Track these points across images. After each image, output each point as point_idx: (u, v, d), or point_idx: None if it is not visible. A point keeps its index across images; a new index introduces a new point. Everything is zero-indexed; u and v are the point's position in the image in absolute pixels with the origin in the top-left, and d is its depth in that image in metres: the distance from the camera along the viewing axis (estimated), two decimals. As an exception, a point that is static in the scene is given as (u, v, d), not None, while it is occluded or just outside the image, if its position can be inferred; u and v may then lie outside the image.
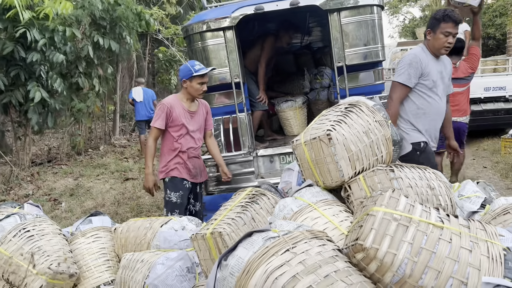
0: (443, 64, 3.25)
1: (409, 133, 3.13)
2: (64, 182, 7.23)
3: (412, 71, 3.04)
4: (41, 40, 6.17)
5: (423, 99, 3.12)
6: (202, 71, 3.45)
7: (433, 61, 3.14)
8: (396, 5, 29.30)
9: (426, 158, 3.02)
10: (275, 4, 4.35)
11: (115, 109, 11.08)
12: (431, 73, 3.08)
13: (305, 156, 2.14)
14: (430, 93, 3.11)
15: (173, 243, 2.62)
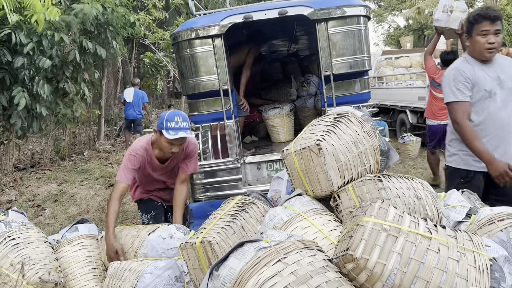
0: (500, 66, 2.74)
1: (462, 157, 2.77)
2: (47, 187, 7.12)
3: (461, 85, 2.68)
4: (28, 44, 6.09)
5: (478, 115, 2.69)
6: (172, 134, 2.79)
7: (481, 68, 2.71)
8: (381, 14, 29.76)
9: (469, 188, 2.52)
10: (264, 13, 4.40)
11: (100, 114, 10.98)
12: (481, 82, 2.67)
13: (295, 166, 2.16)
14: (485, 105, 2.68)
15: (161, 251, 2.60)
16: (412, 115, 8.82)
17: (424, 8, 18.19)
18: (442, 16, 5.03)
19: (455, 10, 5.01)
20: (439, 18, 5.08)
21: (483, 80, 2.65)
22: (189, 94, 4.84)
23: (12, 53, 6.27)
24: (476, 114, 2.69)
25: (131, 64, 13.69)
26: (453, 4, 5.06)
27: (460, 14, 4.96)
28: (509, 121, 2.74)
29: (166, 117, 2.83)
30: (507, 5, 19.34)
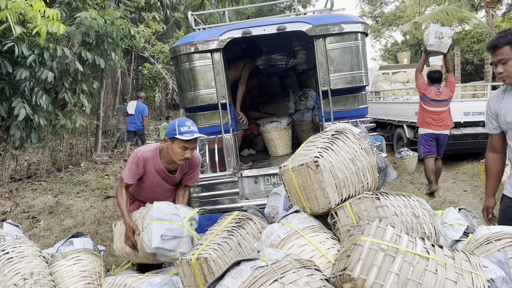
0: None
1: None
2: (43, 199, 7.07)
3: (487, 117, 2.59)
4: (30, 57, 6.12)
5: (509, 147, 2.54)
6: (187, 136, 2.82)
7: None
8: (379, 29, 30.05)
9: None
10: (263, 29, 4.43)
11: (97, 125, 10.97)
12: (502, 114, 2.50)
13: (293, 182, 2.16)
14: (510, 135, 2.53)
15: (165, 213, 2.62)
16: (409, 130, 8.85)
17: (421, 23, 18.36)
18: (435, 42, 5.86)
19: (445, 36, 5.86)
20: (432, 44, 5.89)
21: (505, 112, 2.49)
22: (188, 107, 4.85)
23: (13, 65, 6.28)
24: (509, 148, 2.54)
25: (130, 75, 13.72)
26: (442, 30, 5.90)
27: (448, 40, 5.90)
28: None
29: (177, 123, 2.89)
30: (502, 22, 19.60)
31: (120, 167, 9.59)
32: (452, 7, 15.58)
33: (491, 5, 15.15)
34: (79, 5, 7.75)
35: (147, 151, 3.06)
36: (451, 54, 20.21)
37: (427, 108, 6.39)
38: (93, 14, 7.21)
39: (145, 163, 3.03)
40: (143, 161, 3.02)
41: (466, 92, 8.50)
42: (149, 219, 2.57)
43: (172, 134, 2.86)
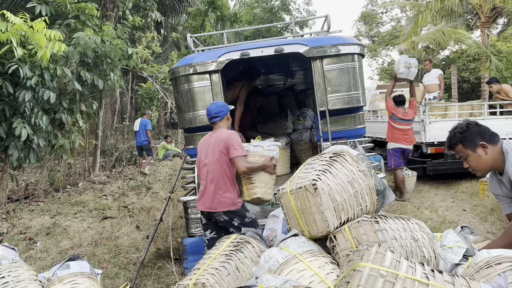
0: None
1: None
2: (40, 220, 7.02)
3: (499, 200, 2.71)
4: (33, 78, 6.16)
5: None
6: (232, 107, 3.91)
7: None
8: (375, 49, 30.39)
9: None
10: (261, 50, 4.49)
11: (96, 144, 10.97)
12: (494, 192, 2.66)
13: (291, 205, 2.15)
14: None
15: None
16: (407, 149, 8.86)
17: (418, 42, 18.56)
18: (404, 71, 7.00)
19: (412, 66, 6.95)
20: (402, 72, 7.03)
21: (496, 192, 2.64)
22: (186, 128, 4.87)
23: (14, 86, 6.32)
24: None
25: (129, 95, 13.80)
26: (410, 61, 7.02)
27: (415, 69, 7.05)
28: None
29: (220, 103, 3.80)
30: (497, 41, 19.85)
31: (118, 187, 9.56)
32: (448, 27, 15.78)
33: (486, 25, 15.35)
34: (78, 26, 7.85)
35: (232, 131, 3.74)
36: (448, 72, 20.42)
37: (396, 126, 7.37)
38: (89, 33, 7.29)
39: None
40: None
41: (463, 111, 8.54)
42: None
43: (228, 108, 3.76)
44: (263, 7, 27.61)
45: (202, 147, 3.72)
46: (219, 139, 3.56)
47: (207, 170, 3.61)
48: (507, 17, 19.54)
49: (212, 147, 3.59)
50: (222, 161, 3.52)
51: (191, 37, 5.12)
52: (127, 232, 6.18)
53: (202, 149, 3.70)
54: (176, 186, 7.20)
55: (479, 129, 2.46)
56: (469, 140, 2.41)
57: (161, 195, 8.67)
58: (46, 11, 7.70)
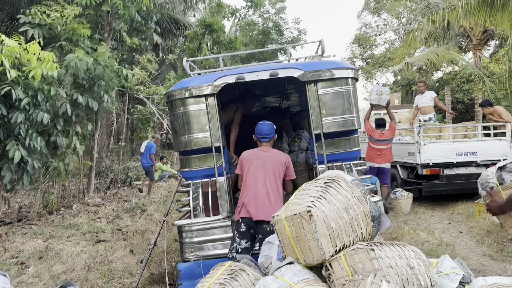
0: None
1: None
2: (33, 243, 6.91)
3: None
4: (25, 99, 6.16)
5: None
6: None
7: None
8: (370, 71, 30.74)
9: None
10: (256, 74, 4.53)
11: (91, 166, 10.91)
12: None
13: (286, 232, 2.14)
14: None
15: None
16: (402, 170, 8.88)
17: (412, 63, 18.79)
18: (376, 98, 7.91)
19: (383, 94, 7.88)
20: (374, 99, 7.96)
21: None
22: (182, 151, 4.86)
23: (8, 107, 6.31)
24: None
25: (125, 116, 13.83)
26: (382, 89, 8.01)
27: (386, 96, 7.90)
28: None
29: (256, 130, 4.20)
30: (489, 63, 20.16)
31: (113, 209, 9.48)
32: (441, 49, 16.03)
33: (478, 48, 15.61)
34: (72, 47, 7.90)
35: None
36: (441, 93, 20.63)
37: (373, 146, 8.12)
38: (79, 55, 7.32)
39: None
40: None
41: (457, 133, 8.61)
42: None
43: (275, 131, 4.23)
44: (257, 30, 28.08)
45: (254, 158, 4.07)
46: (277, 158, 4.03)
47: (261, 181, 3.92)
48: (498, 39, 19.90)
49: (271, 162, 3.99)
50: (279, 177, 3.97)
51: (188, 61, 5.16)
52: (120, 256, 6.09)
53: (255, 160, 4.05)
54: (171, 209, 7.16)
55: None
56: None
57: (156, 217, 8.59)
58: (39, 34, 7.76)
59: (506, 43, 14.26)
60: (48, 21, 7.96)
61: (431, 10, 14.09)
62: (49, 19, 7.99)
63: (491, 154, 8.11)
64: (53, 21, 8.03)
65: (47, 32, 8.06)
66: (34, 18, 7.83)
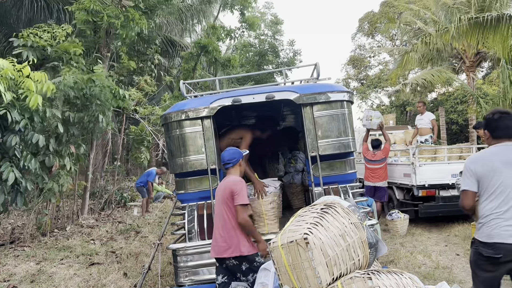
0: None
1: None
2: (25, 266, 6.79)
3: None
4: (22, 121, 6.15)
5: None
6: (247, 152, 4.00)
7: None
8: (364, 91, 31.05)
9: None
10: (252, 97, 4.56)
11: (85, 186, 10.82)
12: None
13: (282, 260, 2.12)
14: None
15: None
16: (398, 191, 8.86)
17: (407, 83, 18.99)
18: (366, 122, 8.46)
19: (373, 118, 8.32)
20: (365, 124, 8.53)
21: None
22: (177, 173, 4.84)
23: (2, 130, 6.29)
24: None
25: (121, 137, 13.81)
26: (372, 114, 8.46)
27: (377, 119, 8.34)
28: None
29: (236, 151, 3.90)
30: (483, 84, 20.43)
31: (107, 231, 9.37)
32: (435, 70, 16.25)
33: (471, 69, 15.84)
34: (66, 68, 7.93)
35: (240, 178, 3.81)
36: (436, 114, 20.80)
37: (367, 166, 8.57)
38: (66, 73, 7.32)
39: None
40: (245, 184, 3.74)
41: (452, 154, 8.64)
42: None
43: (241, 155, 3.87)
44: (253, 51, 28.41)
45: (216, 193, 3.89)
46: (226, 186, 3.70)
47: (218, 216, 3.76)
48: (491, 61, 20.21)
49: (221, 193, 3.73)
50: (227, 207, 3.67)
51: (184, 84, 5.19)
52: (114, 280, 5.99)
53: (216, 195, 3.88)
54: (166, 231, 7.09)
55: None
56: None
57: (150, 239, 8.49)
58: (33, 56, 7.81)
59: (498, 65, 14.47)
60: (40, 43, 8.01)
61: (424, 33, 14.32)
62: (41, 40, 8.05)
63: None
64: (45, 42, 8.09)
65: (40, 54, 8.12)
66: (27, 40, 7.89)
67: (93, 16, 9.25)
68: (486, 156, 3.10)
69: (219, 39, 15.03)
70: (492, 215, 2.94)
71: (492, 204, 2.96)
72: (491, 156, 3.07)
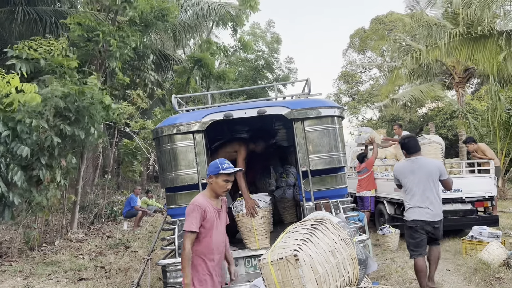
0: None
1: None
2: (12, 282, 6.67)
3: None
4: (4, 132, 6.11)
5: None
6: (229, 170, 3.36)
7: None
8: (355, 106, 31.32)
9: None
10: (244, 112, 4.59)
11: (75, 200, 10.71)
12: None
13: (272, 277, 2.11)
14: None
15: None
16: (389, 206, 8.87)
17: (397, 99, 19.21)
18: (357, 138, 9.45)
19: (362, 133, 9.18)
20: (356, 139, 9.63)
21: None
22: (168, 187, 4.83)
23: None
24: None
25: (112, 150, 13.74)
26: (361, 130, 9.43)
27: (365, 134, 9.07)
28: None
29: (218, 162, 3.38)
30: (472, 100, 20.71)
31: (96, 246, 9.26)
32: (425, 86, 16.47)
33: (460, 85, 16.08)
34: (57, 81, 7.92)
35: (197, 198, 3.38)
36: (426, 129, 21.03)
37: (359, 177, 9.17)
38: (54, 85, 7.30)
39: (202, 207, 3.28)
40: (199, 206, 3.27)
41: (442, 169, 8.70)
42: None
43: (217, 171, 3.32)
44: (247, 66, 28.57)
45: None
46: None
47: None
48: (479, 77, 20.54)
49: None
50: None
51: (176, 98, 5.21)
52: (102, 296, 5.91)
53: None
54: (156, 246, 7.01)
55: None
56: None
57: (140, 254, 8.40)
58: (26, 68, 7.80)
59: (487, 81, 14.73)
60: (35, 56, 8.01)
61: (414, 48, 14.56)
62: (36, 53, 8.05)
63: (476, 190, 8.19)
64: (39, 55, 8.09)
65: (34, 66, 8.11)
66: (22, 52, 7.88)
67: (88, 32, 9.28)
68: (403, 166, 5.10)
69: (212, 54, 15.11)
70: (407, 204, 4.98)
71: (406, 197, 4.98)
72: (404, 166, 5.07)
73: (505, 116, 13.25)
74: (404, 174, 4.91)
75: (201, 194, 3.46)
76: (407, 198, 4.92)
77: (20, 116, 6.37)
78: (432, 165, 4.94)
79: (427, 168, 4.86)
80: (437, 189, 4.89)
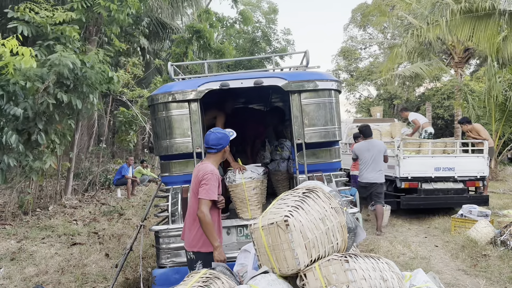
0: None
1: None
2: (5, 244, 6.74)
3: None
4: None
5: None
6: (233, 135, 3.58)
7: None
8: (353, 83, 31.15)
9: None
10: (240, 82, 4.54)
11: (69, 167, 10.72)
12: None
13: (262, 241, 2.14)
14: None
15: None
16: (382, 183, 8.97)
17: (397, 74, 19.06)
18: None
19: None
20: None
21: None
22: (162, 155, 4.82)
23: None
24: None
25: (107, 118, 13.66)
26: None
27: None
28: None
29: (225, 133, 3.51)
30: (470, 81, 20.65)
31: (90, 212, 9.33)
32: (425, 64, 16.34)
33: (460, 65, 15.98)
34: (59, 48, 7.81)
35: (213, 168, 3.38)
36: (423, 109, 21.02)
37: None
38: (63, 53, 7.22)
39: (219, 177, 3.40)
40: (218, 175, 3.36)
41: (436, 148, 8.76)
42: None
43: (228, 140, 3.51)
44: (245, 38, 28.18)
45: (192, 176, 3.53)
46: (198, 173, 3.36)
47: (189, 201, 3.56)
48: (479, 58, 20.42)
49: (193, 178, 3.44)
50: (195, 196, 3.37)
51: (172, 65, 5.14)
52: (95, 260, 5.99)
53: (192, 178, 3.53)
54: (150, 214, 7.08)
55: None
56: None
57: (134, 221, 8.49)
58: (28, 31, 7.66)
59: (486, 62, 14.63)
60: (37, 19, 7.86)
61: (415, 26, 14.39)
62: (37, 17, 7.89)
63: (469, 170, 8.28)
64: (42, 20, 7.93)
65: (35, 30, 7.97)
66: (23, 14, 7.73)
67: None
68: (362, 145, 7.47)
69: (212, 26, 14.85)
70: (363, 171, 7.36)
71: (361, 167, 7.37)
72: (363, 145, 7.43)
73: (502, 98, 13.24)
74: (362, 151, 7.40)
75: (211, 164, 3.43)
76: (362, 167, 7.39)
77: (14, 79, 6.29)
78: (381, 145, 7.42)
79: (378, 147, 7.31)
80: (382, 162, 7.38)
